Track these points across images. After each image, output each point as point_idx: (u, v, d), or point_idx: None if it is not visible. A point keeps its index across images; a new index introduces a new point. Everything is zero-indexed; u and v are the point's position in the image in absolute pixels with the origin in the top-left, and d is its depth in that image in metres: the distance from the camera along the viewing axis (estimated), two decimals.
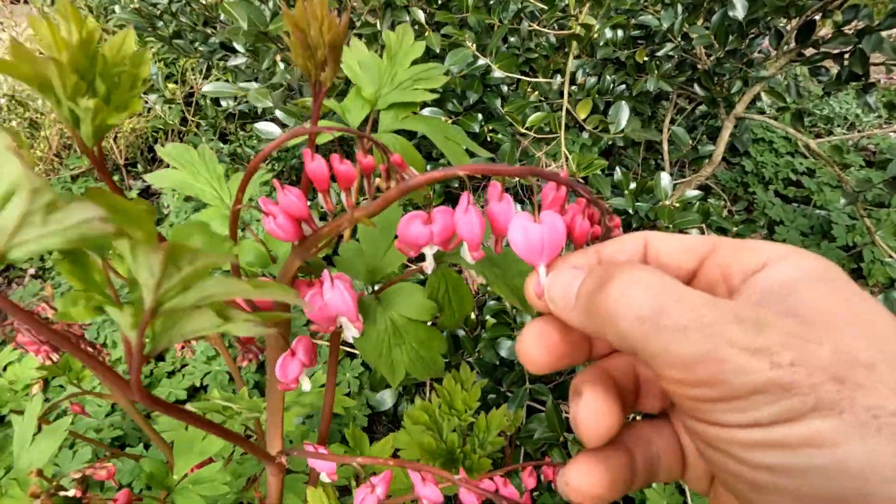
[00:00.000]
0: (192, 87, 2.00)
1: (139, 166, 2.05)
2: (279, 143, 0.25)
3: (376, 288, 0.33)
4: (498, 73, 0.94)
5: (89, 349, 0.52)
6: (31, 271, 1.69)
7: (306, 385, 0.30)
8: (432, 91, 0.36)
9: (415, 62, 0.38)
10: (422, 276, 0.73)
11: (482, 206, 0.24)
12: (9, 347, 0.65)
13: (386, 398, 0.85)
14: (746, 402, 0.15)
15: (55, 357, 0.50)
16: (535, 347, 0.22)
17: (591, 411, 0.20)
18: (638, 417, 0.25)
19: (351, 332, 0.28)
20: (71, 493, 0.35)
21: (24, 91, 2.08)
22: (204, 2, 0.86)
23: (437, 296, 0.32)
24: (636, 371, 0.23)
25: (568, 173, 0.22)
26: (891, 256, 0.96)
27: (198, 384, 1.02)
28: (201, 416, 0.26)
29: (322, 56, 0.25)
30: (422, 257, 0.26)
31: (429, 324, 0.31)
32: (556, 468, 0.41)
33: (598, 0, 0.85)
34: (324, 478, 0.33)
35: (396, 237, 0.29)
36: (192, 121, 1.93)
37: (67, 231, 0.15)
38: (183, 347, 0.57)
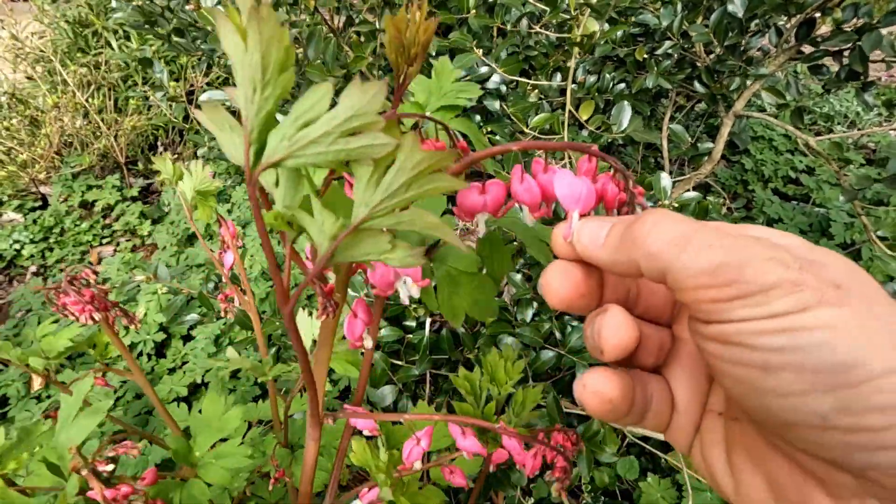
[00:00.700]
0: (192, 85, 2.00)
1: (140, 164, 2.06)
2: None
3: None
4: (496, 78, 0.95)
5: (125, 317, 0.53)
6: (33, 269, 1.70)
7: (369, 343, 0.34)
8: (469, 99, 0.44)
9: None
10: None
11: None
12: (47, 321, 0.67)
13: (386, 394, 0.86)
14: (763, 297, 0.18)
15: (97, 317, 0.52)
16: (557, 280, 0.25)
17: (617, 322, 0.23)
18: None
19: (412, 293, 0.31)
20: (109, 467, 0.37)
21: (24, 89, 2.09)
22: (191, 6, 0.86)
23: (482, 253, 0.37)
24: (639, 327, 0.25)
25: (597, 149, 0.26)
26: (888, 256, 0.96)
27: (199, 381, 1.03)
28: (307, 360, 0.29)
29: (414, 53, 0.28)
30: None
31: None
32: (564, 434, 0.45)
33: (598, 12, 0.85)
34: (366, 432, 0.38)
35: (445, 212, 0.36)
36: (194, 118, 1.93)
37: (342, 152, 0.19)
38: (226, 308, 0.61)
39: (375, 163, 0.20)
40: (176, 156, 2.06)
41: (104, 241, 1.77)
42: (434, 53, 0.91)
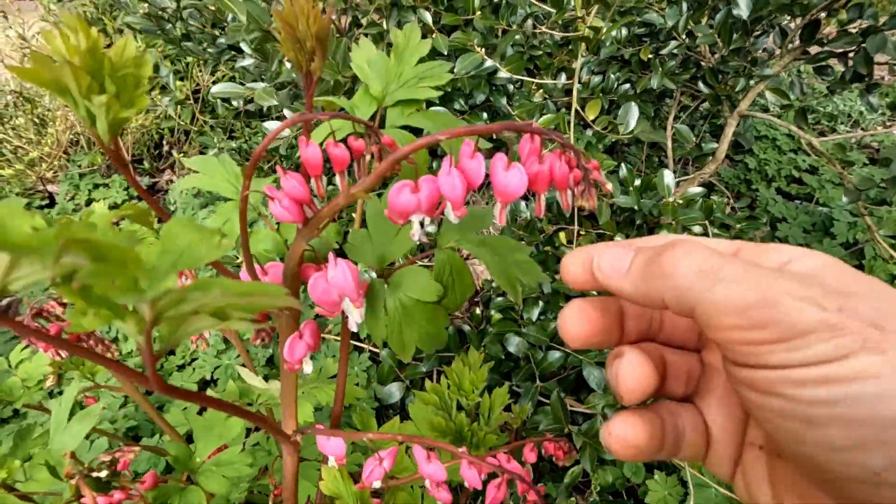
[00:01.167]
0: (197, 84, 2.01)
1: (145, 163, 2.07)
2: (279, 130, 0.26)
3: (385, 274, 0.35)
4: (504, 74, 0.96)
5: (99, 345, 0.54)
6: None
7: (307, 368, 0.32)
8: (437, 88, 0.38)
9: (420, 60, 0.39)
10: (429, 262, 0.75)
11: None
12: (19, 346, 0.67)
13: (393, 391, 0.87)
14: (800, 342, 0.17)
15: (64, 354, 0.52)
16: (574, 321, 0.24)
17: (634, 366, 0.22)
18: None
19: (354, 318, 0.29)
20: (103, 474, 0.37)
21: (31, 88, 2.10)
22: (213, 9, 0.87)
23: (443, 278, 0.34)
24: (663, 356, 0.25)
25: (538, 125, 0.24)
26: (892, 256, 0.97)
27: (208, 377, 1.04)
28: (219, 399, 0.28)
29: (310, 47, 0.26)
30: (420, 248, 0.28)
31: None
32: (555, 444, 0.44)
33: (605, 3, 0.86)
34: (332, 462, 0.35)
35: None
36: (200, 119, 1.94)
37: (61, 267, 0.16)
38: (197, 339, 0.59)
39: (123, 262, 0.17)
40: (182, 154, 2.07)
41: None
42: (445, 52, 0.91)
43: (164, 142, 2.15)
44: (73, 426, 0.41)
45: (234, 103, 1.70)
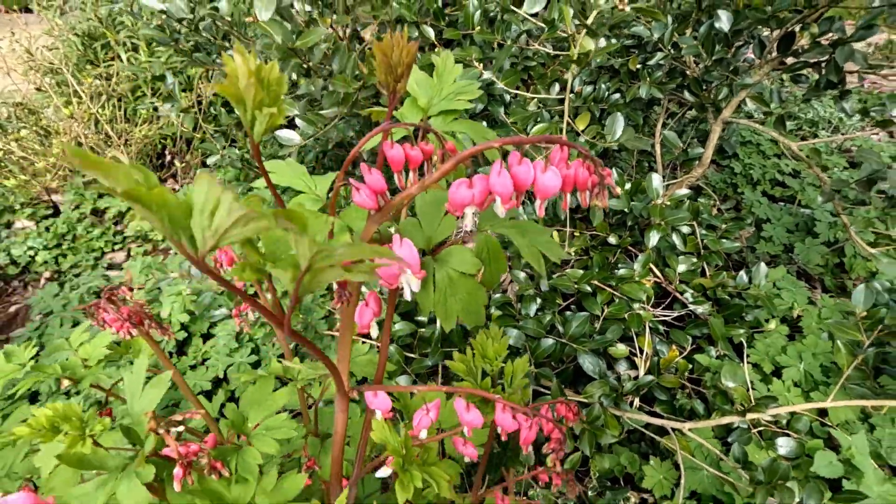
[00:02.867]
0: (199, 95, 2.06)
1: None
2: (373, 135, 0.33)
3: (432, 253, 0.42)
4: (501, 85, 1.02)
5: (158, 328, 0.59)
6: (47, 274, 1.74)
7: (374, 332, 0.38)
8: (469, 101, 0.47)
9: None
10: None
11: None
12: (80, 329, 0.71)
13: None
14: None
15: (135, 332, 0.57)
16: None
17: None
18: None
19: (413, 288, 0.35)
20: (180, 428, 0.43)
21: (35, 99, 2.14)
22: (229, 19, 0.93)
23: (482, 256, 0.40)
24: None
25: (566, 139, 0.30)
26: (870, 254, 1.03)
27: (221, 375, 1.08)
28: (319, 350, 0.34)
29: (400, 72, 0.33)
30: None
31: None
32: (566, 406, 0.49)
33: (593, 32, 0.92)
34: (378, 415, 0.41)
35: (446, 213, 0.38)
36: (203, 127, 1.99)
37: (256, 230, 0.24)
38: (240, 323, 0.66)
39: (299, 227, 0.24)
40: (184, 164, 2.12)
41: (116, 247, 1.82)
42: None
43: (167, 151, 2.20)
44: (149, 392, 0.47)
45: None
